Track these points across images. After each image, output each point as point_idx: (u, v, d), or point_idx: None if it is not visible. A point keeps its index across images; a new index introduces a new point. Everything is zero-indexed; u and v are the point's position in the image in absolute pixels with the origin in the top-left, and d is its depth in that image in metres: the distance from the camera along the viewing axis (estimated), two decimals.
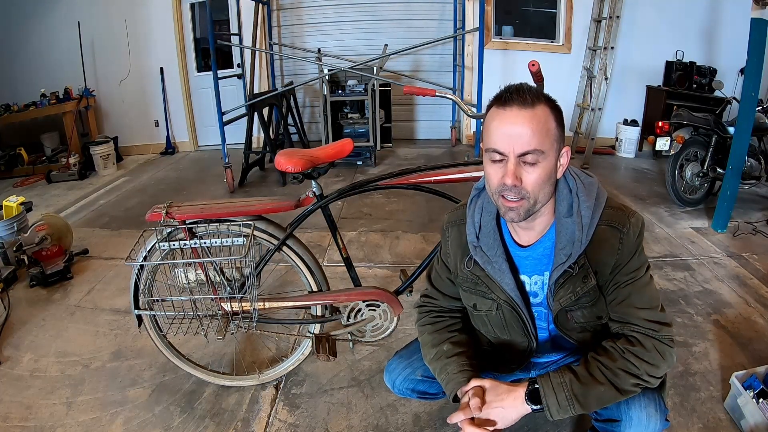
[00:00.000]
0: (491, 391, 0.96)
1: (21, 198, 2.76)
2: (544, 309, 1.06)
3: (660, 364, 0.92)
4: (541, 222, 0.99)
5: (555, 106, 0.90)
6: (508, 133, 0.87)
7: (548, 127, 0.88)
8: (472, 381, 1.00)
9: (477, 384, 0.98)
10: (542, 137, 0.86)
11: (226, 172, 3.94)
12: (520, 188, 0.88)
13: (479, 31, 4.21)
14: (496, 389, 0.96)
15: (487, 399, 0.95)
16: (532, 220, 0.97)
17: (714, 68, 4.51)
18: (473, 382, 0.99)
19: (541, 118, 0.87)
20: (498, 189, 0.91)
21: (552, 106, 0.90)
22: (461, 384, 1.02)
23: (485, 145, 0.92)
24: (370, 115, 4.56)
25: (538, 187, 0.89)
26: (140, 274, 1.50)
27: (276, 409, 1.61)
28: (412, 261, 2.62)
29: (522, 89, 0.88)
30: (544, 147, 0.87)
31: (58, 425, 1.56)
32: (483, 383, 0.98)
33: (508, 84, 0.90)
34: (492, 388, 0.96)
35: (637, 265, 0.95)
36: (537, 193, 0.90)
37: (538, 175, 0.88)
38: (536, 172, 0.88)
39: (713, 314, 2.06)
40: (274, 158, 1.73)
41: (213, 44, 3.75)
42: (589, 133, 4.58)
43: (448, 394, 1.05)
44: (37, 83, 4.78)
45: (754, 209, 3.24)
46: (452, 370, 1.05)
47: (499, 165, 0.90)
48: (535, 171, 0.88)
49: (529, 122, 0.86)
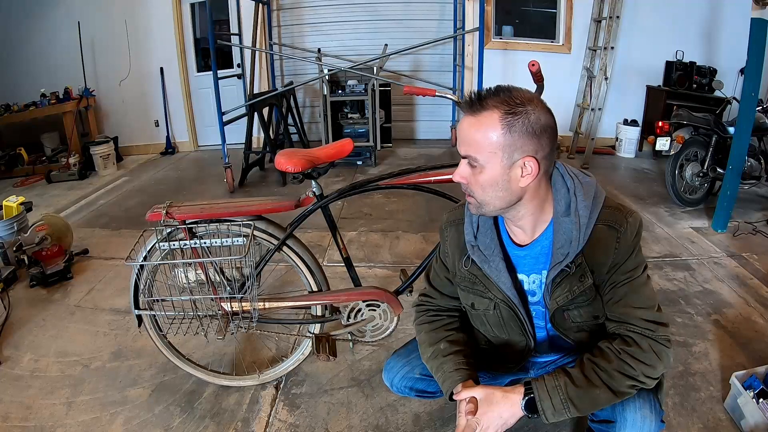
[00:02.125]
0: (485, 401, 0.95)
1: (21, 198, 2.76)
2: (541, 308, 1.06)
3: (656, 364, 0.91)
4: (538, 221, 0.99)
5: (511, 113, 0.86)
6: (458, 135, 0.93)
7: (486, 136, 0.88)
8: (463, 392, 0.99)
9: (469, 394, 0.98)
10: (477, 146, 0.89)
11: (226, 172, 3.94)
12: (466, 186, 0.95)
13: (479, 31, 4.21)
14: (491, 398, 0.95)
15: (481, 409, 0.95)
16: (521, 219, 0.98)
17: (714, 68, 4.51)
18: (465, 392, 0.99)
19: (482, 126, 0.88)
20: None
21: (504, 115, 0.86)
22: (457, 382, 1.02)
23: None
24: (370, 115, 4.56)
25: (480, 190, 0.93)
26: (140, 274, 1.50)
27: (276, 409, 1.61)
28: (412, 261, 2.62)
29: (478, 95, 0.91)
30: (478, 155, 0.90)
31: (58, 425, 1.56)
32: (476, 393, 0.97)
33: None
34: (486, 398, 0.96)
35: (634, 264, 0.95)
36: (480, 195, 0.94)
37: (480, 180, 0.92)
38: (478, 177, 0.92)
39: (713, 314, 2.06)
40: (274, 158, 1.73)
41: (213, 44, 3.75)
42: (589, 133, 4.58)
43: (445, 392, 1.05)
44: (37, 83, 4.78)
45: (754, 209, 3.24)
46: (448, 369, 1.05)
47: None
48: (477, 175, 0.92)
49: (468, 129, 0.90)
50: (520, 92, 0.89)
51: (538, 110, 0.88)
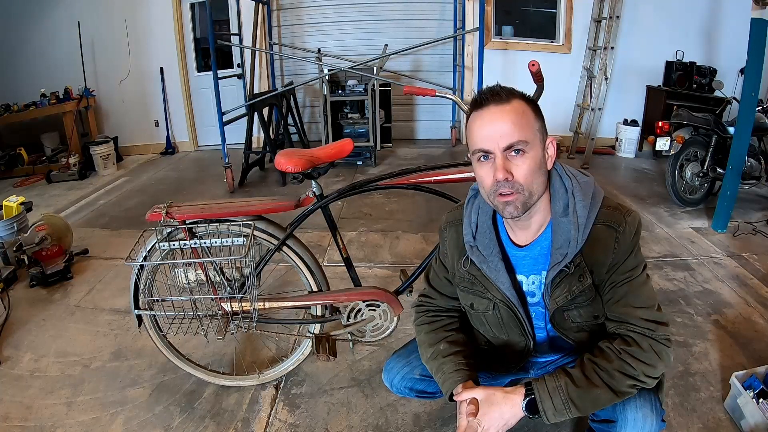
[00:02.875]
0: (485, 402, 0.95)
1: (21, 198, 2.76)
2: (541, 309, 1.06)
3: (657, 364, 0.91)
4: (537, 221, 0.99)
5: (530, 101, 0.93)
6: (490, 130, 0.90)
7: (527, 117, 0.91)
8: (464, 392, 0.99)
9: (470, 395, 0.97)
10: (523, 127, 0.89)
11: (226, 172, 3.94)
12: (513, 182, 0.90)
13: (479, 31, 4.21)
14: (491, 398, 0.95)
15: (482, 410, 0.95)
16: (528, 217, 0.97)
17: (714, 68, 4.51)
18: (465, 393, 0.98)
19: (518, 110, 0.90)
20: (492, 188, 0.92)
21: (527, 101, 0.93)
22: (457, 383, 1.02)
23: (471, 149, 0.94)
24: (370, 115, 4.56)
25: (530, 177, 0.91)
26: (140, 274, 1.50)
27: (276, 409, 1.61)
28: (412, 261, 2.62)
29: (494, 89, 0.92)
30: (527, 137, 0.89)
31: (58, 425, 1.56)
32: (476, 394, 0.97)
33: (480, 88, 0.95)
34: (486, 398, 0.95)
35: (634, 264, 0.95)
36: (530, 183, 0.91)
37: (528, 166, 0.90)
38: (525, 163, 0.90)
39: (713, 314, 2.06)
40: (274, 158, 1.73)
41: (213, 44, 3.75)
42: (589, 133, 4.58)
43: (445, 393, 1.05)
44: (37, 83, 4.78)
45: (754, 209, 3.24)
46: (448, 369, 1.05)
47: (488, 164, 0.92)
48: (524, 162, 0.90)
49: (507, 115, 0.89)
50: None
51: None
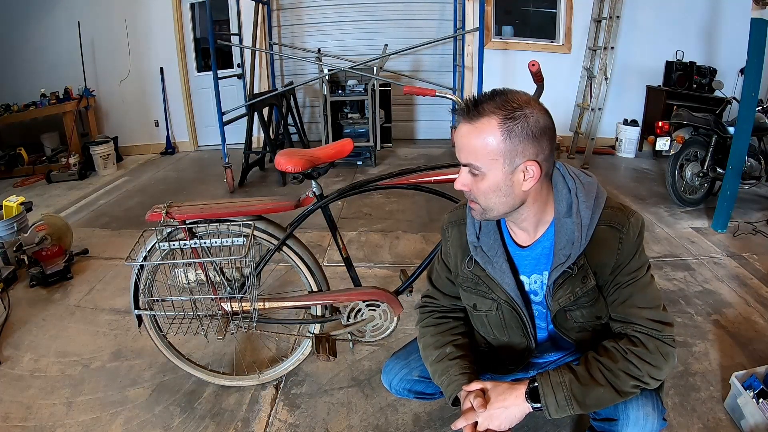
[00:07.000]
0: (493, 391, 0.96)
1: (21, 198, 2.76)
2: (543, 308, 1.06)
3: (662, 365, 0.91)
4: (539, 222, 0.99)
5: (510, 117, 0.85)
6: (458, 143, 0.92)
7: (486, 143, 0.86)
8: (473, 383, 0.99)
9: (478, 386, 0.98)
10: (477, 153, 0.88)
11: (226, 172, 3.94)
12: (470, 193, 0.94)
13: (479, 31, 4.21)
14: (497, 388, 0.96)
15: (489, 398, 0.95)
16: (523, 221, 0.98)
17: (714, 68, 4.51)
18: (474, 384, 0.99)
19: (481, 133, 0.87)
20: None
21: (504, 118, 0.85)
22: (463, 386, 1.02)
23: None
24: (370, 115, 4.56)
25: (483, 197, 0.92)
26: (140, 274, 1.50)
27: (276, 409, 1.61)
28: (412, 261, 2.62)
29: (474, 101, 0.89)
30: (479, 163, 0.89)
31: (58, 425, 1.56)
32: (484, 385, 0.98)
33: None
34: (493, 388, 0.96)
35: (638, 265, 0.95)
36: (485, 201, 0.93)
37: (482, 187, 0.91)
38: (480, 183, 0.91)
39: (713, 314, 2.06)
40: (274, 158, 1.73)
41: (213, 44, 3.75)
42: (589, 133, 4.58)
43: (448, 397, 1.04)
44: (37, 83, 4.78)
45: (754, 209, 3.24)
46: (454, 372, 1.04)
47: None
48: (479, 182, 0.91)
49: (467, 136, 0.89)
50: (517, 95, 0.88)
51: (536, 112, 0.86)
